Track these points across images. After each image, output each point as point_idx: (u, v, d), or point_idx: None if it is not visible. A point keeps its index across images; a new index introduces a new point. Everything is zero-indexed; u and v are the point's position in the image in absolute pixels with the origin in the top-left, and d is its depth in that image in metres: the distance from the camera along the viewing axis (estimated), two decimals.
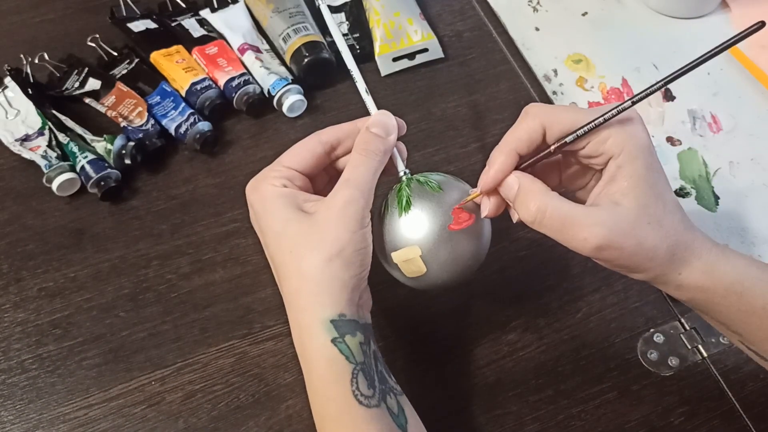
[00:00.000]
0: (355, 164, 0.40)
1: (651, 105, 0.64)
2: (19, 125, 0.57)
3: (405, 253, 0.41)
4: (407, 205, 0.41)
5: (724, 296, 0.38)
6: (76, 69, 0.61)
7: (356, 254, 0.38)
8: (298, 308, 0.39)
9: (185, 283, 0.53)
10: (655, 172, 0.38)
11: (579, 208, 0.37)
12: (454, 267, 0.41)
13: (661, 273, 0.38)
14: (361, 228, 0.39)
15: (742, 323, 0.39)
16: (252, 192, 0.42)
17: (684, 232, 0.38)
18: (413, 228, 0.41)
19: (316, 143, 0.42)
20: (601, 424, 0.48)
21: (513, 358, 0.51)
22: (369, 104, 0.43)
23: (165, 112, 0.58)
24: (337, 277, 0.38)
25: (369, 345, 0.39)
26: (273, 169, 0.41)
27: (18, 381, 0.49)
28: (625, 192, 0.37)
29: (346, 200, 0.39)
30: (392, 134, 0.42)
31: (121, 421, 0.47)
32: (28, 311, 0.51)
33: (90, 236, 0.55)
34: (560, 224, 0.37)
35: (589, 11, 0.70)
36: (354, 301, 0.39)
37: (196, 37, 0.62)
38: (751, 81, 0.65)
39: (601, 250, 0.36)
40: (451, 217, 0.41)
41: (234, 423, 0.47)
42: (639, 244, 0.36)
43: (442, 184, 0.42)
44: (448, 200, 0.41)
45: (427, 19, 0.67)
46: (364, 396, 0.37)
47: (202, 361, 0.50)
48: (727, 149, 0.62)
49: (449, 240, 0.40)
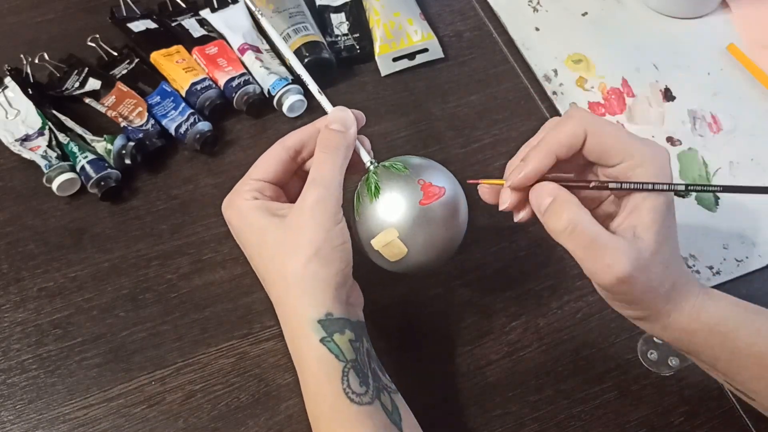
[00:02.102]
0: (319, 163, 0.41)
1: (651, 105, 0.64)
2: (19, 125, 0.57)
3: (383, 237, 0.41)
4: (377, 190, 0.41)
5: (707, 338, 0.38)
6: (76, 69, 0.61)
7: (334, 251, 0.39)
8: (286, 312, 0.40)
9: (185, 283, 0.53)
10: (671, 212, 0.38)
11: (607, 234, 0.36)
12: (434, 242, 0.41)
13: (655, 312, 0.38)
14: (335, 225, 0.39)
15: (727, 363, 0.39)
16: (227, 209, 0.42)
17: (680, 275, 0.38)
18: (387, 211, 0.41)
19: (280, 150, 0.43)
20: (601, 424, 0.48)
21: (513, 358, 0.51)
22: (324, 103, 0.44)
23: (165, 112, 0.58)
24: (318, 277, 0.38)
25: (361, 342, 0.40)
26: (243, 184, 0.42)
27: (18, 381, 0.49)
28: (647, 226, 0.37)
29: (315, 200, 0.39)
30: (351, 128, 0.42)
31: (121, 421, 0.47)
32: (28, 311, 0.51)
33: (90, 236, 0.55)
34: (588, 243, 0.36)
35: (589, 11, 0.70)
36: (341, 299, 0.39)
37: (196, 37, 0.62)
38: (752, 81, 0.65)
39: (620, 282, 0.36)
40: (421, 193, 0.41)
41: (234, 423, 0.48)
42: (649, 281, 0.37)
43: (407, 165, 0.42)
44: (415, 178, 0.41)
45: (427, 19, 0.67)
46: (355, 394, 0.37)
47: (202, 361, 0.50)
48: (727, 149, 0.62)
49: (424, 216, 0.41)
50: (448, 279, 0.53)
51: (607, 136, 0.37)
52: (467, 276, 0.54)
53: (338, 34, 0.64)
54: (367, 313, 0.43)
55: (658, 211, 0.37)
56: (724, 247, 0.56)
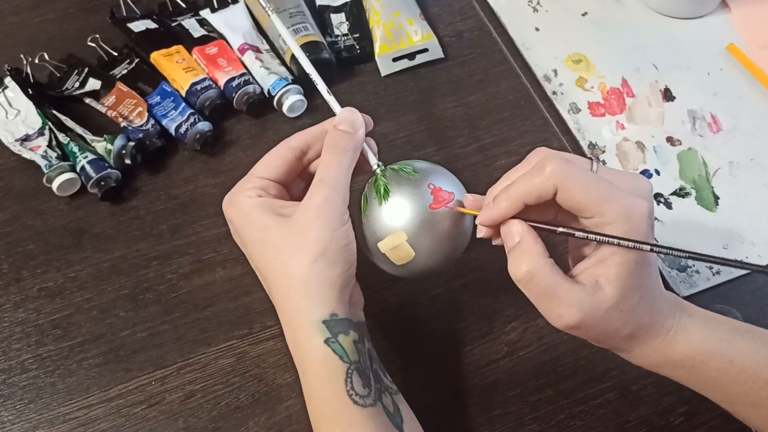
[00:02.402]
0: (326, 163, 0.40)
1: (651, 105, 0.64)
2: (20, 125, 0.57)
3: (391, 240, 0.41)
4: (386, 193, 0.41)
5: (672, 371, 0.39)
6: (77, 69, 0.61)
7: (340, 252, 0.38)
8: (289, 312, 0.39)
9: (185, 283, 0.53)
10: (646, 263, 0.37)
11: (564, 284, 0.36)
12: (442, 246, 0.41)
13: (617, 347, 0.39)
14: (341, 225, 0.39)
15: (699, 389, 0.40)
16: (228, 207, 0.42)
17: (647, 315, 0.38)
18: (395, 214, 0.41)
19: (285, 150, 0.42)
20: (601, 424, 0.48)
21: (513, 358, 0.51)
22: (332, 104, 0.43)
23: (165, 112, 0.58)
24: (323, 277, 0.38)
25: (363, 343, 0.39)
26: (247, 182, 0.42)
27: (18, 381, 0.49)
28: (610, 279, 0.36)
29: (322, 200, 0.39)
30: (360, 129, 0.42)
31: (121, 421, 0.47)
32: (28, 311, 0.51)
33: (90, 236, 0.55)
34: (542, 294, 0.37)
35: (589, 11, 0.70)
36: (344, 299, 0.39)
37: (197, 37, 0.62)
38: (751, 81, 0.65)
39: (571, 328, 0.37)
40: (431, 198, 0.41)
41: (234, 423, 0.48)
42: (605, 327, 0.37)
43: (416, 169, 0.42)
44: (425, 182, 0.41)
45: (427, 20, 0.67)
46: (359, 395, 0.37)
47: (202, 361, 0.50)
48: (726, 149, 0.62)
49: (433, 220, 0.40)
50: (448, 279, 0.53)
51: (577, 192, 0.36)
52: (468, 276, 0.54)
53: (338, 34, 0.64)
54: (368, 313, 0.43)
55: (623, 267, 0.36)
56: (724, 247, 0.56)
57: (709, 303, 0.53)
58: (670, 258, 0.55)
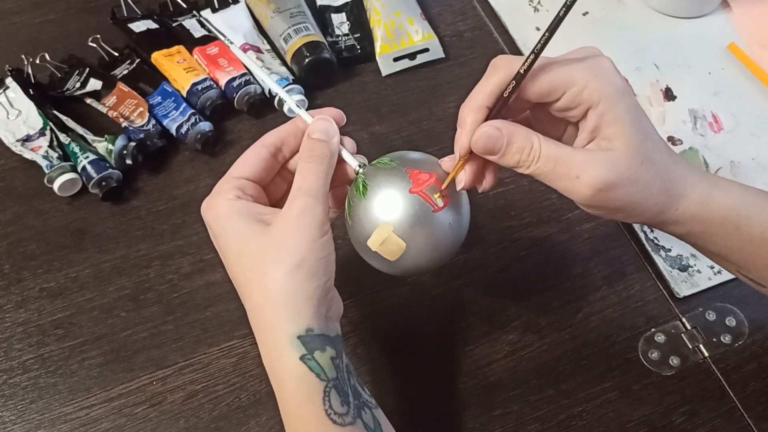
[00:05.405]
0: (303, 172, 0.39)
1: (652, 104, 0.64)
2: (21, 126, 0.57)
3: (379, 235, 0.39)
4: (365, 188, 0.40)
5: (721, 226, 0.38)
6: (77, 69, 0.61)
7: (318, 264, 0.37)
8: (263, 326, 0.38)
9: (186, 283, 0.53)
10: (637, 112, 0.37)
11: (572, 150, 0.36)
12: (435, 233, 0.39)
13: (659, 211, 0.38)
14: (321, 236, 0.37)
15: (740, 252, 0.38)
16: (207, 211, 0.40)
17: (674, 167, 0.37)
18: (378, 208, 0.39)
19: (260, 148, 0.42)
20: (602, 423, 0.48)
21: (514, 357, 0.51)
22: (304, 116, 0.42)
23: (166, 112, 0.58)
24: (300, 289, 0.36)
25: (341, 359, 0.38)
26: (224, 182, 0.41)
27: (19, 381, 0.49)
28: (613, 138, 0.36)
29: (301, 209, 0.37)
30: (334, 137, 0.41)
31: (122, 421, 0.47)
32: (29, 311, 0.51)
33: (91, 236, 0.55)
34: (555, 164, 0.36)
35: (590, 11, 0.70)
36: (321, 313, 0.37)
37: (197, 38, 0.63)
38: (752, 80, 0.65)
39: (600, 191, 0.35)
40: (410, 182, 0.39)
41: (235, 423, 0.48)
42: (635, 183, 0.36)
43: (394, 159, 0.41)
44: (402, 169, 0.40)
45: (428, 19, 0.67)
46: (337, 414, 0.36)
47: (203, 361, 0.50)
48: (728, 149, 0.62)
49: (417, 206, 0.38)
50: (449, 279, 0.54)
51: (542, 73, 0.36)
52: (468, 276, 0.54)
53: (339, 34, 0.64)
54: (368, 314, 0.43)
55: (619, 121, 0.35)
56: None
57: (711, 302, 0.53)
58: (671, 258, 0.55)
